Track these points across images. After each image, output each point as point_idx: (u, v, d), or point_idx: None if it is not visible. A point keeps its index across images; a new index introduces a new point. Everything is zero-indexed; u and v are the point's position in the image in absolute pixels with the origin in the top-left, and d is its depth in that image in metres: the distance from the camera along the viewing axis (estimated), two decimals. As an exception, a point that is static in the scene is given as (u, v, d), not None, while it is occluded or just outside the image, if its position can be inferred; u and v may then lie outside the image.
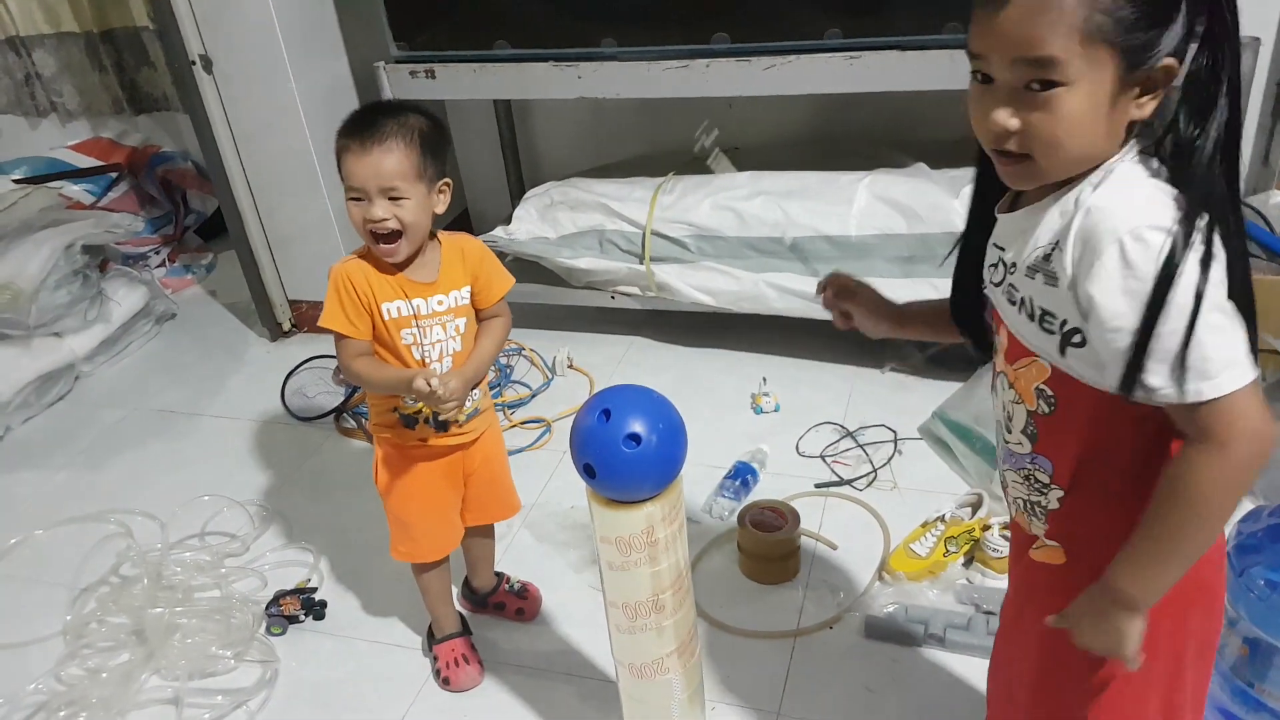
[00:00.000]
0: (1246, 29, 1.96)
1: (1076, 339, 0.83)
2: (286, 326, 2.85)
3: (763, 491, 1.99)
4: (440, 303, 1.42)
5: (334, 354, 2.72)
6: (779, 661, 1.62)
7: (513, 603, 1.75)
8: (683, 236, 2.35)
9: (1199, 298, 0.75)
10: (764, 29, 2.09)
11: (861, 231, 2.20)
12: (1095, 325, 0.79)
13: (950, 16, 1.93)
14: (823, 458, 2.09)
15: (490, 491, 1.62)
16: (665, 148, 2.79)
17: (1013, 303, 0.90)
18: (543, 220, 2.53)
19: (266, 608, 1.79)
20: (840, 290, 1.16)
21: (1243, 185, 2.44)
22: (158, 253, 3.29)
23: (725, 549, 1.87)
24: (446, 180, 1.39)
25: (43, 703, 1.66)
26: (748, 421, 2.24)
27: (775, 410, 2.26)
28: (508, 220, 2.58)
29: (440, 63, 2.34)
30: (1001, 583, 1.69)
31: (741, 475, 2.00)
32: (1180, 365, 0.76)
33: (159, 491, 2.19)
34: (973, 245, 0.99)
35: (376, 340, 1.42)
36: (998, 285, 0.93)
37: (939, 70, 1.96)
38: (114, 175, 3.25)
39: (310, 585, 1.87)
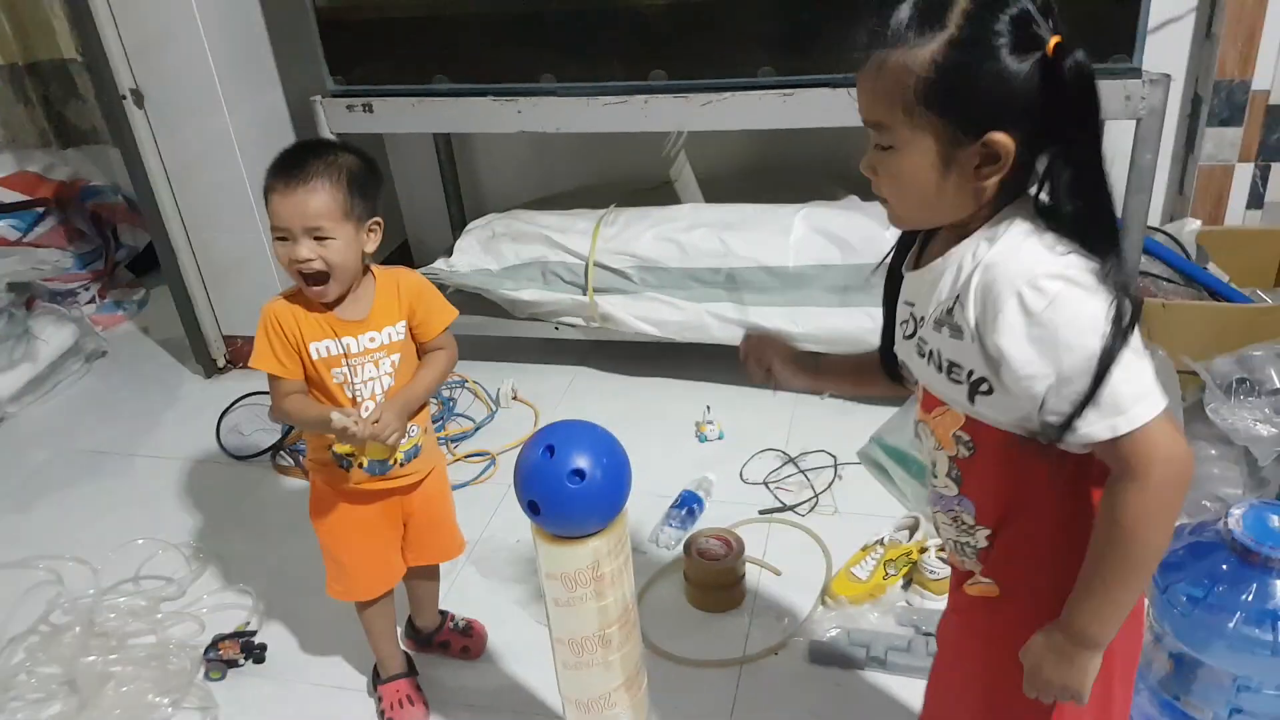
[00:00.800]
0: (1158, 66, 2.05)
1: (984, 388, 0.87)
2: (221, 363, 2.80)
3: (708, 519, 2.00)
4: (372, 339, 1.40)
5: (269, 391, 2.68)
6: (726, 689, 1.63)
7: (457, 641, 1.73)
8: (625, 267, 2.38)
9: (1104, 337, 0.78)
10: (700, 66, 2.13)
11: (799, 262, 2.25)
12: (1008, 374, 0.83)
13: (878, 54, 2.00)
14: (766, 484, 2.11)
15: (431, 533, 1.59)
16: (607, 179, 2.81)
17: (922, 355, 0.93)
18: (485, 252, 2.53)
19: (205, 652, 1.75)
20: (758, 342, 1.21)
21: (1158, 215, 2.56)
22: (87, 289, 3.20)
23: (672, 579, 1.88)
24: (377, 219, 1.38)
25: (-33, 761, 1.59)
26: (693, 450, 2.26)
27: (719, 438, 2.28)
28: (449, 252, 2.58)
29: (378, 96, 2.33)
30: (939, 604, 1.73)
31: (687, 504, 2.02)
32: (1094, 404, 0.79)
33: (90, 535, 2.13)
34: (893, 298, 1.03)
35: (308, 380, 1.41)
36: (909, 339, 0.96)
37: (870, 106, 2.02)
38: (40, 210, 3.16)
39: (249, 628, 1.83)
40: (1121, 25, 1.88)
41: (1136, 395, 0.80)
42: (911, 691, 1.59)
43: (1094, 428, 0.80)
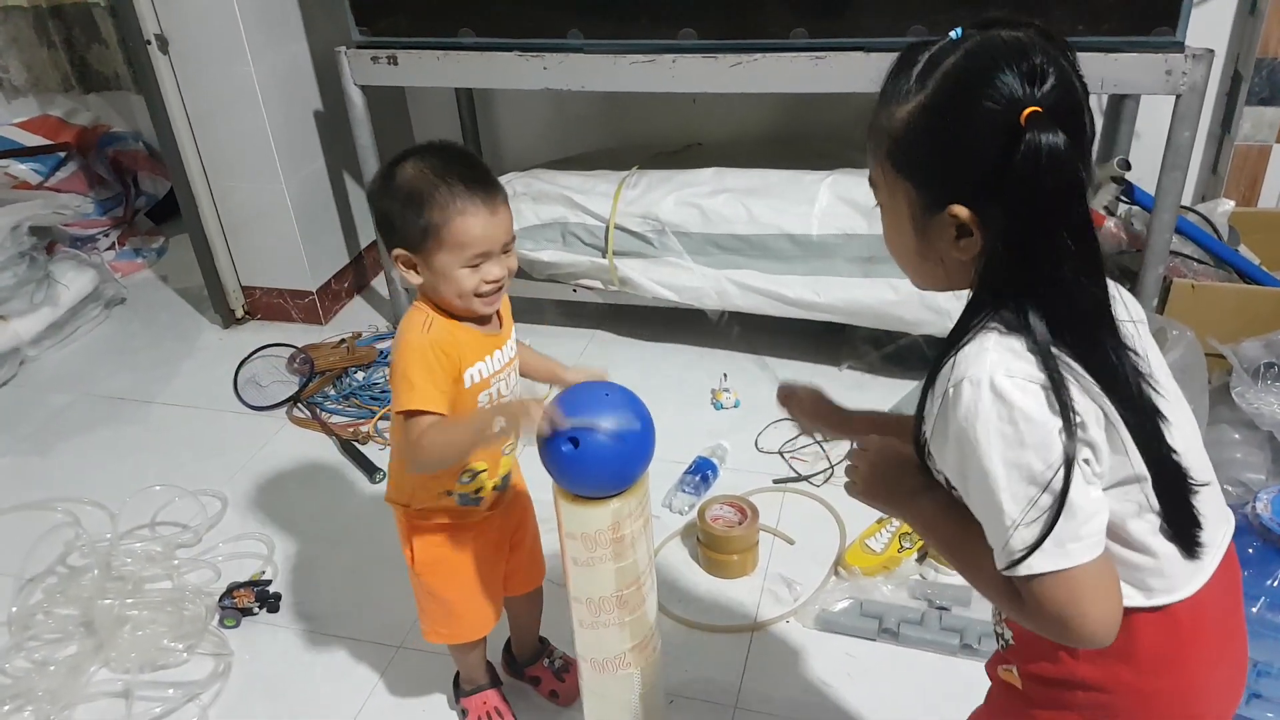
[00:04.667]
0: (1200, 41, 2.00)
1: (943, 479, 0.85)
2: (239, 313, 2.80)
3: (722, 487, 2.00)
4: (510, 348, 1.28)
5: (287, 343, 2.68)
6: (737, 655, 1.64)
7: (548, 682, 1.58)
8: (646, 231, 2.36)
9: (1006, 464, 0.74)
10: (731, 26, 2.09)
11: (823, 231, 2.22)
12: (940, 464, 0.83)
13: (914, 19, 1.96)
14: (781, 454, 2.11)
15: (532, 554, 1.49)
16: (628, 141, 2.78)
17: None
18: (505, 211, 2.51)
19: (220, 600, 1.77)
20: (785, 396, 1.14)
21: (1191, 194, 2.51)
22: (107, 235, 3.21)
23: (685, 543, 1.88)
24: None
25: (-14, 696, 1.62)
26: (708, 417, 2.25)
27: (735, 406, 2.27)
28: (470, 210, 2.55)
29: (403, 49, 2.31)
30: (953, 579, 1.72)
31: (701, 470, 2.02)
32: (990, 532, 0.77)
33: (108, 480, 2.14)
34: None
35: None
36: None
37: (903, 73, 1.98)
38: (62, 155, 3.15)
39: (264, 577, 1.85)
40: (1167, -3, 1.83)
41: (1031, 543, 0.74)
42: (922, 664, 1.59)
43: (994, 553, 0.77)
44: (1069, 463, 0.73)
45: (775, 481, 2.03)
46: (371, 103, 2.40)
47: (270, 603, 1.78)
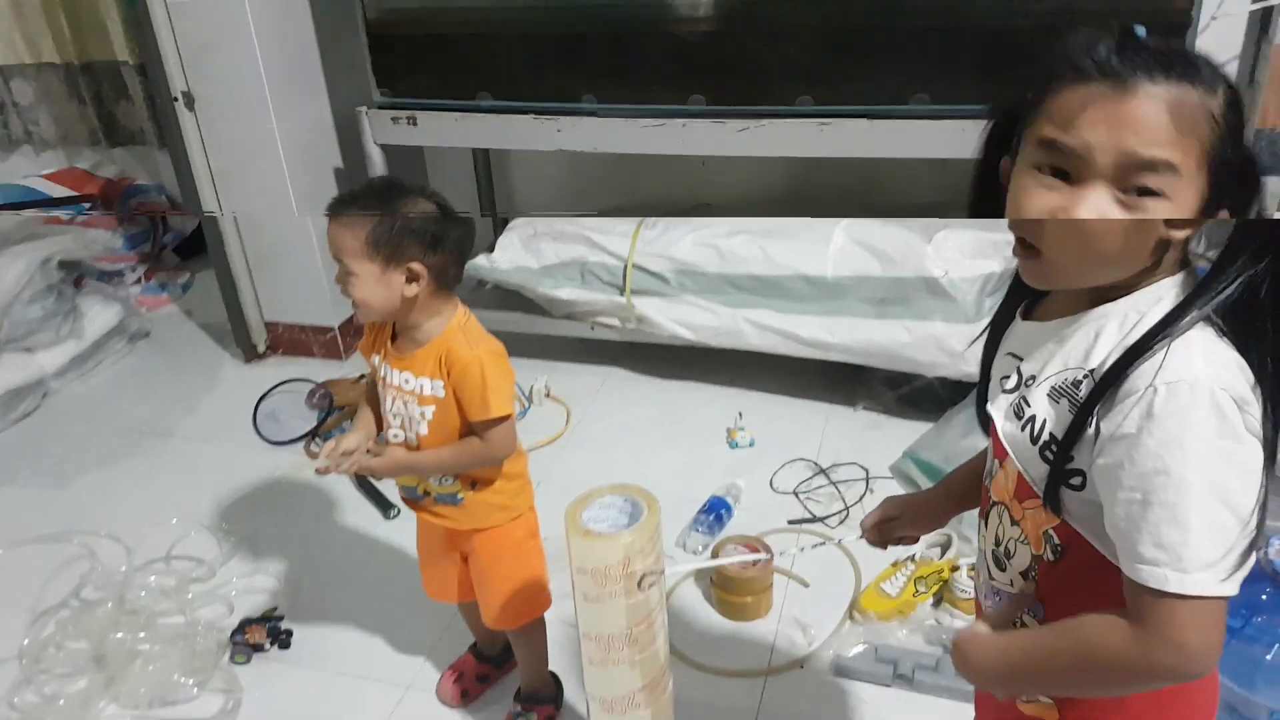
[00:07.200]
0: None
1: (1075, 480, 0.77)
2: (261, 349, 2.84)
3: (736, 526, 1.99)
4: (406, 382, 1.35)
5: (307, 378, 2.71)
6: (749, 699, 1.62)
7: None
8: (664, 271, 2.38)
9: (1208, 480, 0.69)
10: (739, 93, 2.13)
11: (838, 272, 2.23)
12: (1108, 465, 0.74)
13: (917, 89, 1.99)
14: (796, 494, 2.10)
15: (480, 593, 1.52)
16: (639, 200, 2.82)
17: (1018, 417, 0.82)
18: (525, 250, 2.55)
19: (231, 635, 1.77)
20: (878, 531, 1.11)
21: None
22: (134, 270, 3.27)
23: (698, 584, 1.87)
24: (415, 266, 1.28)
25: (-4, 729, 1.62)
26: (723, 455, 2.25)
27: (750, 445, 2.27)
28: (491, 248, 2.59)
29: (422, 110, 2.36)
30: (969, 622, 1.69)
31: (716, 510, 2.01)
32: (1159, 544, 0.70)
33: (125, 512, 2.16)
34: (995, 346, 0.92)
35: None
36: (1007, 394, 0.85)
37: (906, 139, 2.01)
38: (87, 205, 3.23)
39: (277, 613, 1.84)
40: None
41: (1209, 561, 0.69)
42: (938, 711, 1.56)
43: (1144, 566, 0.71)
44: (1265, 491, 0.70)
45: (790, 522, 2.02)
46: (390, 160, 2.46)
47: (281, 639, 1.78)
